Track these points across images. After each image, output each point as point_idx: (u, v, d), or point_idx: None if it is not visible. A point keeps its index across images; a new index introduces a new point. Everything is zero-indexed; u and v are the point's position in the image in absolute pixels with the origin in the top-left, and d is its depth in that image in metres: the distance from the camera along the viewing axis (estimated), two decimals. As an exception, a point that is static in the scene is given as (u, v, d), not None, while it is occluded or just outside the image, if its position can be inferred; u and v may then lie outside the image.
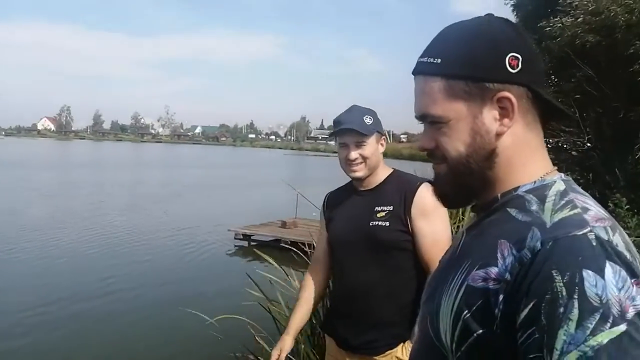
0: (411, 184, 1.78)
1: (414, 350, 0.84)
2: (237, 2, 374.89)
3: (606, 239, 0.62)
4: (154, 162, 43.43)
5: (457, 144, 0.75)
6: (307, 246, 3.98)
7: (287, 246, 4.79)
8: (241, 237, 11.38)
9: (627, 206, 5.05)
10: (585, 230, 0.63)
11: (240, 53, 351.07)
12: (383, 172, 1.86)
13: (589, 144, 6.60)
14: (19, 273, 8.45)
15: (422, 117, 0.78)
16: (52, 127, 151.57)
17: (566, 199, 0.69)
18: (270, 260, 3.62)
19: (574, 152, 6.97)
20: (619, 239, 0.64)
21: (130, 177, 26.37)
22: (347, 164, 1.82)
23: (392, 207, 1.76)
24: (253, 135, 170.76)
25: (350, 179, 1.89)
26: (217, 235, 11.85)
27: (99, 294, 7.44)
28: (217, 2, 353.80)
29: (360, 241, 1.78)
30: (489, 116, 0.73)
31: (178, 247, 10.75)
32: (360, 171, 1.80)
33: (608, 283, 0.58)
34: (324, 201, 2.04)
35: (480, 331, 0.66)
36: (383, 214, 1.76)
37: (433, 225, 1.71)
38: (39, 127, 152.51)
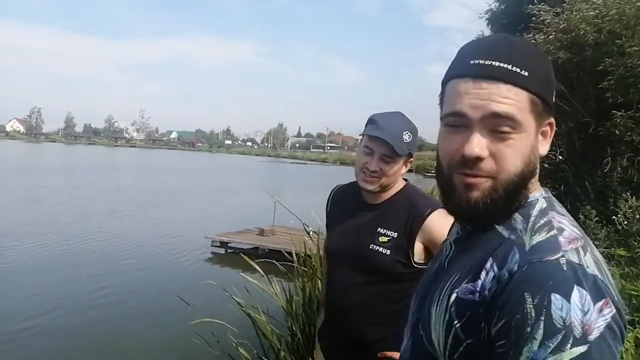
0: (420, 210, 1.63)
1: (405, 353, 0.86)
2: (220, 9, 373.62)
3: (577, 262, 0.67)
4: (129, 167, 42.63)
5: (518, 158, 0.74)
6: (285, 254, 3.99)
7: (265, 254, 4.80)
8: (218, 244, 11.27)
9: (597, 218, 5.22)
10: (557, 255, 0.67)
11: (219, 59, 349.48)
12: (395, 187, 1.72)
13: (560, 157, 6.80)
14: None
15: (496, 116, 0.73)
16: (21, 129, 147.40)
17: (545, 219, 0.74)
18: (257, 267, 3.62)
19: (546, 165, 7.16)
20: (590, 259, 0.68)
21: (106, 183, 25.80)
22: (362, 172, 1.66)
23: (396, 234, 1.63)
24: (229, 142, 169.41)
25: None
26: (194, 242, 11.71)
27: (76, 302, 7.29)
28: (199, 9, 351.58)
29: (356, 261, 1.68)
30: (540, 137, 0.78)
31: (153, 254, 10.57)
32: (371, 185, 1.65)
33: (573, 307, 0.62)
34: (330, 195, 1.90)
35: (470, 340, 0.70)
36: (385, 239, 1.64)
37: None
38: (8, 128, 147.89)
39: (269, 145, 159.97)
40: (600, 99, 5.83)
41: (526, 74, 0.73)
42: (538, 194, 0.78)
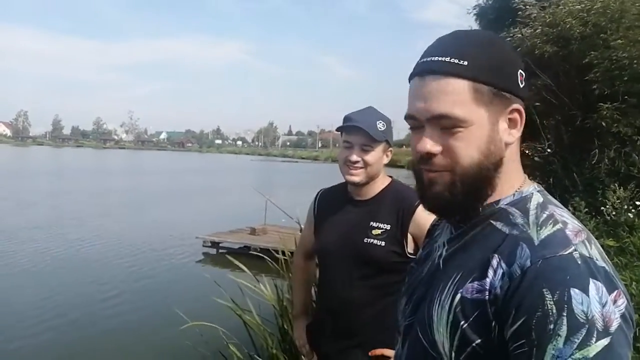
0: (409, 202, 1.66)
1: (400, 358, 0.84)
2: (211, 9, 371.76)
3: (588, 255, 0.67)
4: (119, 169, 42.36)
5: (472, 150, 0.74)
6: (276, 253, 3.98)
7: (257, 253, 4.79)
8: (209, 244, 11.23)
9: (586, 209, 5.28)
10: (570, 250, 0.67)
11: (210, 59, 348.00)
12: (381, 182, 1.76)
13: (549, 150, 6.85)
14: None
15: (437, 117, 0.74)
16: (7, 132, 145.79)
17: (546, 213, 0.73)
18: (242, 267, 3.61)
19: (536, 158, 7.21)
20: (596, 251, 0.69)
21: (96, 185, 25.59)
22: (346, 165, 1.71)
23: (389, 226, 1.67)
24: (220, 141, 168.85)
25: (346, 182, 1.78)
26: (185, 243, 11.66)
27: (64, 305, 7.25)
28: (189, 9, 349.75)
29: (351, 257, 1.70)
30: (502, 125, 0.76)
31: (145, 256, 10.51)
32: (357, 176, 1.69)
33: (592, 300, 0.62)
34: (316, 198, 1.92)
35: (479, 340, 0.69)
36: (379, 232, 1.68)
37: None
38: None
39: (260, 144, 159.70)
40: (586, 91, 5.89)
41: (466, 63, 0.73)
42: (532, 188, 0.78)
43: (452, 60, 0.74)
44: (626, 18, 5.58)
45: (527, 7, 6.60)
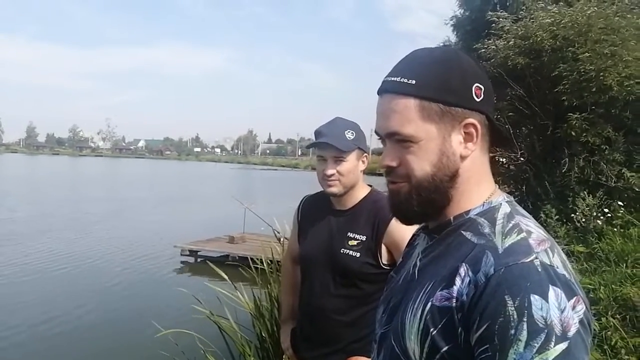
0: (385, 213, 1.67)
1: None
2: (191, 16, 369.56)
3: (548, 263, 0.70)
4: (95, 177, 41.56)
5: (424, 163, 0.78)
6: (255, 261, 3.99)
7: (235, 262, 4.79)
8: (188, 253, 11.12)
9: (557, 216, 5.43)
10: (531, 258, 0.70)
11: (189, 66, 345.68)
12: (361, 192, 1.80)
13: (522, 159, 7.02)
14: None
15: (390, 134, 0.80)
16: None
17: (512, 222, 0.76)
18: (222, 275, 3.61)
19: (511, 167, 7.38)
20: (558, 260, 0.72)
21: (70, 194, 25.09)
22: (323, 179, 1.76)
23: (364, 237, 1.72)
24: (198, 149, 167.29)
25: None
26: (163, 252, 11.52)
27: (43, 315, 7.11)
28: (169, 17, 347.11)
29: (328, 266, 1.75)
30: (456, 139, 0.79)
31: (122, 265, 10.35)
32: (335, 187, 1.74)
33: (551, 306, 0.65)
34: (300, 205, 1.97)
35: (447, 347, 0.71)
36: (355, 242, 1.72)
37: None
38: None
39: (239, 152, 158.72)
40: (557, 102, 6.06)
41: (414, 82, 0.78)
42: (501, 199, 0.81)
43: (401, 80, 0.79)
44: (593, 32, 5.79)
45: (501, 19, 6.78)
